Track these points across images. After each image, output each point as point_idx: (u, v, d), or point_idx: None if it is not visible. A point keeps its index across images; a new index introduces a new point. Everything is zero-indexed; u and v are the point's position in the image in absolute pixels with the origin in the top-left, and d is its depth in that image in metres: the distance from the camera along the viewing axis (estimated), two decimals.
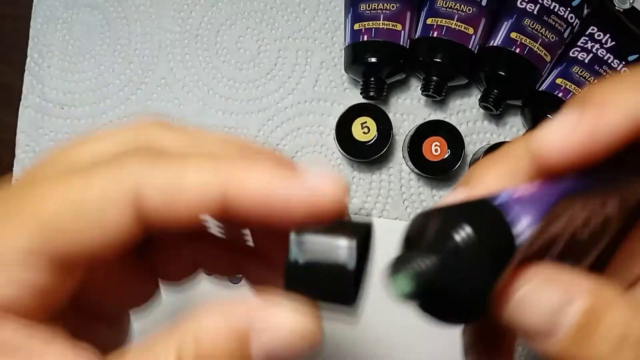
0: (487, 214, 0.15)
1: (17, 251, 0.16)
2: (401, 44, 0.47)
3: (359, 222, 0.17)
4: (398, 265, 0.15)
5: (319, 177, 0.16)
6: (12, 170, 0.49)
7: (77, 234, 0.16)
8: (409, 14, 0.47)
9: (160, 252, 0.21)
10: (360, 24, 0.47)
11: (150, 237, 0.18)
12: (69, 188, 0.16)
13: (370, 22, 0.47)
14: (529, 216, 0.15)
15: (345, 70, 0.49)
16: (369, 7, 0.47)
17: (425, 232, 0.16)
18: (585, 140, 0.15)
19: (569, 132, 0.15)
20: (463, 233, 0.15)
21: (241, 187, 0.16)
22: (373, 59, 0.46)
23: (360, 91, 0.48)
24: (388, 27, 0.46)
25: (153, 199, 0.16)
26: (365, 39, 0.47)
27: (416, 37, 0.48)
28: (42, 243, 0.16)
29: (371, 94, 0.47)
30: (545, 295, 0.15)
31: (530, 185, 0.16)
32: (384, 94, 0.48)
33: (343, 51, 0.50)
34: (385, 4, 0.47)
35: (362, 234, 0.16)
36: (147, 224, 0.17)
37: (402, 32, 0.47)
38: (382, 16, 0.47)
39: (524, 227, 0.15)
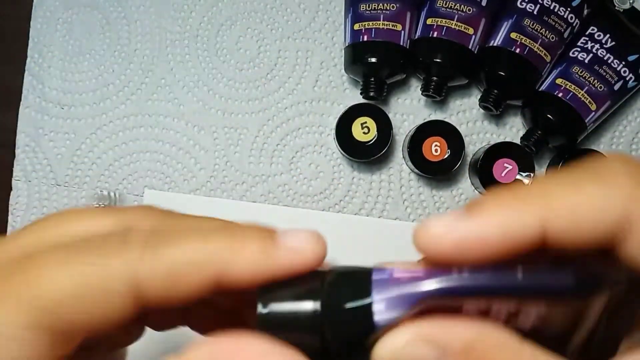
0: (357, 289, 0.17)
1: (14, 327, 0.16)
2: (401, 44, 0.47)
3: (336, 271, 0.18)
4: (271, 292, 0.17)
5: (297, 238, 0.18)
6: (12, 170, 0.49)
7: (76, 316, 0.17)
8: (409, 14, 0.47)
9: (153, 312, 0.22)
10: (360, 24, 0.47)
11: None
12: (69, 271, 0.17)
13: (370, 22, 0.47)
14: (395, 301, 0.16)
15: (345, 70, 0.49)
16: (369, 7, 0.47)
17: (310, 281, 0.17)
18: (459, 241, 0.16)
19: (445, 230, 0.16)
20: (315, 306, 0.16)
21: (233, 269, 0.17)
22: (373, 59, 0.46)
23: (360, 91, 0.48)
24: (388, 27, 0.46)
25: (153, 286, 0.17)
26: (365, 39, 0.47)
27: (416, 37, 0.48)
28: (40, 320, 0.17)
29: (371, 94, 0.47)
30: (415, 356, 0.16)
31: (416, 268, 0.17)
32: (384, 94, 0.48)
33: (343, 51, 0.50)
34: (385, 4, 0.47)
35: (334, 284, 0.17)
36: (146, 305, 0.18)
37: (402, 32, 0.47)
38: (382, 16, 0.47)
39: (383, 310, 0.16)
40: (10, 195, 0.49)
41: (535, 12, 0.46)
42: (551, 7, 0.46)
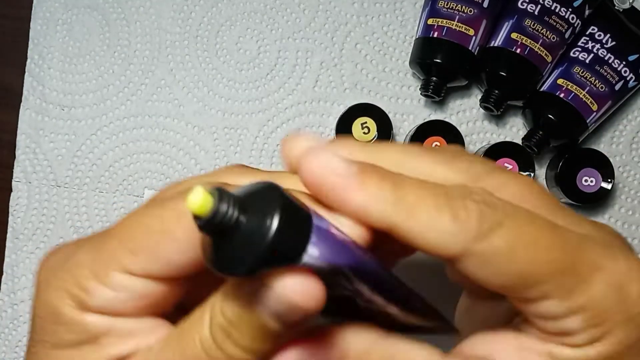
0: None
1: (122, 272, 0.20)
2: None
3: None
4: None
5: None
6: (12, 171, 0.49)
7: (166, 256, 0.20)
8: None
9: None
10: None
11: None
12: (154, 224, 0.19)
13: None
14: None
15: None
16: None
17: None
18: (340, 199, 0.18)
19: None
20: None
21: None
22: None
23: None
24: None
25: None
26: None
27: (417, 36, 0.48)
28: (140, 265, 0.20)
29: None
30: None
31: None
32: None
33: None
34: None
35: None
36: None
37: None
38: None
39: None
40: (10, 197, 0.49)
41: (536, 13, 0.46)
42: (552, 8, 0.46)
